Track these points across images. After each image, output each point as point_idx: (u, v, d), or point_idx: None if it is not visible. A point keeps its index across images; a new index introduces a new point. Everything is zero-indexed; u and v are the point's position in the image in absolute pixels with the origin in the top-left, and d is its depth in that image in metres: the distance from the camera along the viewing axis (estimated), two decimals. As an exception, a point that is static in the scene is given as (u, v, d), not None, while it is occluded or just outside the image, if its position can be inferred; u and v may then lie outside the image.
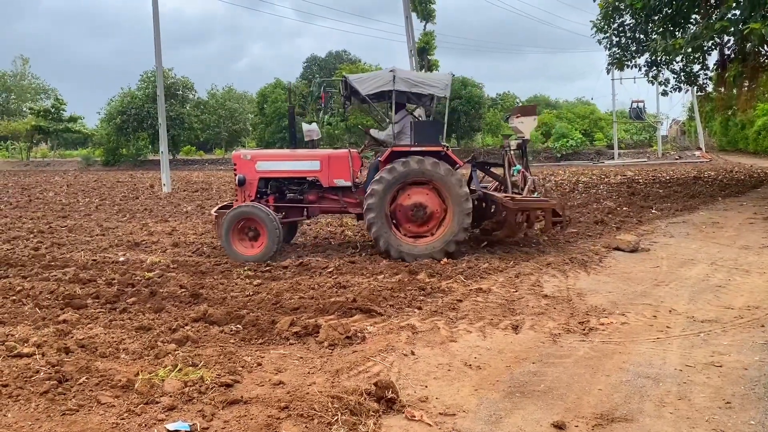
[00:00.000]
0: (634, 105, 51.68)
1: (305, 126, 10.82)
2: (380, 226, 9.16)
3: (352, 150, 9.96)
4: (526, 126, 9.89)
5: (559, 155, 46.83)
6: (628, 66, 22.99)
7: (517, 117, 10.12)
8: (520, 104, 66.00)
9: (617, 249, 9.73)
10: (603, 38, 22.52)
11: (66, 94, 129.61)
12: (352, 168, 9.77)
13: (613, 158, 46.80)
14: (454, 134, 48.81)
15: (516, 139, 10.00)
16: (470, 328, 5.84)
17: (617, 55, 22.73)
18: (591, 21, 22.38)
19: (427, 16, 45.80)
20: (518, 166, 9.68)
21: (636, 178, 25.80)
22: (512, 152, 9.71)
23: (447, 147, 9.34)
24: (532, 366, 4.90)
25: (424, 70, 44.24)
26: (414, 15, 33.84)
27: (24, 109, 70.11)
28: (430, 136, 9.50)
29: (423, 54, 42.88)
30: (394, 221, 9.33)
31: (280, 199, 10.17)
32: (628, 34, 21.99)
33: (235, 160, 10.16)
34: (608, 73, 25.55)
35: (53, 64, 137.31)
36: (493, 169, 11.01)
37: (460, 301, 6.74)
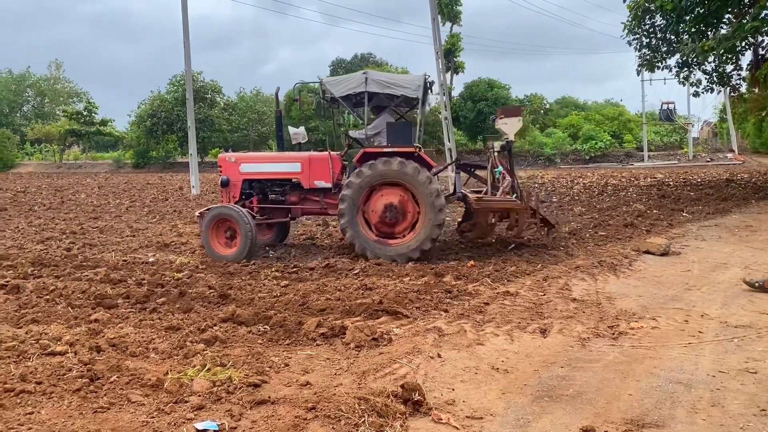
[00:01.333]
0: (665, 106, 50.93)
1: (292, 129, 11.03)
2: (354, 230, 9.29)
3: (332, 152, 10.06)
4: (510, 127, 9.87)
5: (587, 157, 46.34)
6: (658, 67, 22.67)
7: (501, 118, 10.11)
8: (548, 106, 65.46)
9: (647, 252, 9.59)
10: (633, 39, 22.23)
11: (97, 97, 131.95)
12: (332, 170, 9.88)
13: (642, 160, 46.16)
14: (480, 136, 48.57)
15: (500, 141, 9.94)
16: (497, 331, 5.80)
17: (647, 56, 22.42)
18: (622, 23, 22.13)
19: (454, 17, 45.68)
20: (500, 168, 9.63)
21: (666, 180, 25.40)
22: (496, 153, 9.66)
23: (419, 148, 9.37)
24: (560, 370, 4.85)
25: (450, 73, 44.14)
26: (440, 17, 33.80)
27: (57, 112, 71.55)
28: (404, 137, 9.56)
29: (449, 56, 42.75)
30: (368, 223, 9.40)
31: (264, 200, 10.40)
32: (659, 35, 21.67)
33: (220, 163, 10.52)
34: (638, 74, 25.25)
35: (86, 68, 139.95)
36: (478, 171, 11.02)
37: (487, 304, 6.70)
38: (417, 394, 4.13)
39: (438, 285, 7.49)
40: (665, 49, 21.85)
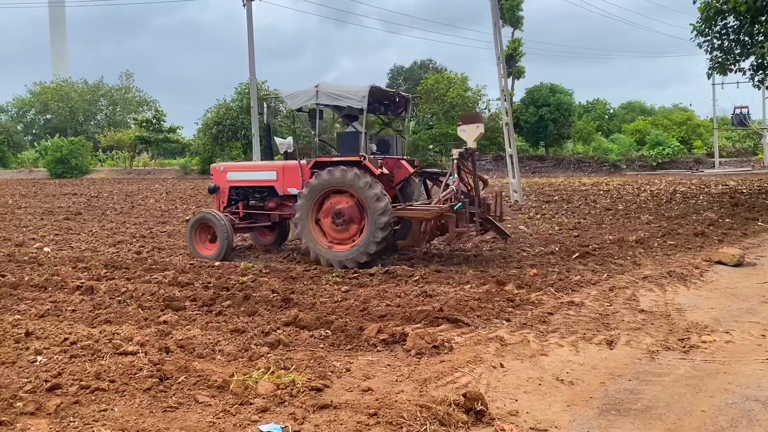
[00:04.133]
0: (738, 111, 48.76)
1: (278, 140, 11.76)
2: (307, 235, 9.73)
3: (301, 162, 10.48)
4: (469, 134, 9.80)
5: (654, 164, 44.88)
6: (731, 70, 21.73)
7: (460, 125, 10.05)
8: (612, 111, 63.83)
9: (719, 263, 9.20)
10: (704, 41, 21.41)
11: (166, 106, 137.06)
12: (302, 177, 10.27)
13: (713, 167, 44.40)
14: (542, 142, 47.76)
15: (459, 149, 9.82)
16: (562, 342, 5.67)
17: (719, 59, 21.54)
18: (691, 24, 21.34)
19: (515, 22, 45.18)
20: (455, 175, 9.53)
21: (739, 188, 24.32)
22: (455, 161, 9.55)
23: (364, 156, 9.60)
24: (628, 383, 4.70)
25: (511, 78, 43.64)
26: (501, 22, 33.36)
27: (128, 120, 74.40)
28: (352, 146, 9.98)
29: (510, 61, 42.29)
30: (322, 229, 9.83)
31: (247, 206, 11.20)
32: (732, 37, 20.79)
33: (212, 171, 11.65)
34: (709, 77, 24.24)
35: (156, 78, 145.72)
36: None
37: (551, 314, 6.57)
38: (479, 404, 4.08)
39: (500, 293, 7.39)
40: (738, 51, 20.93)
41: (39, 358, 5.13)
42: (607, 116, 61.89)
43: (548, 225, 14.43)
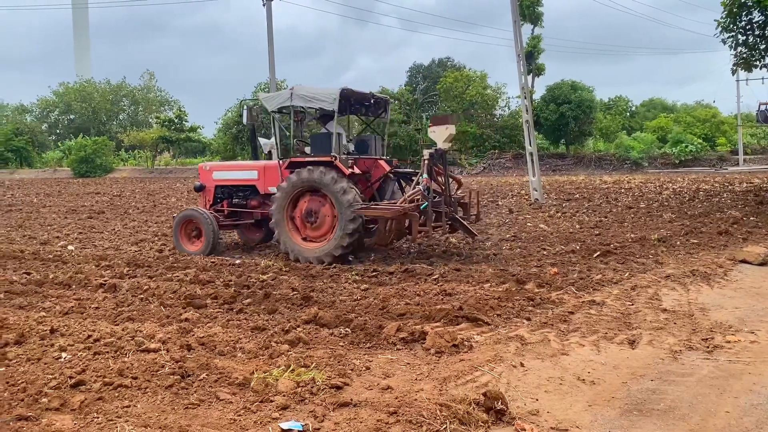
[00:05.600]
0: (763, 107, 47.95)
1: (262, 140, 12.13)
2: (282, 232, 10.01)
3: (279, 161, 10.73)
4: (438, 135, 9.93)
5: (677, 161, 44.28)
6: (756, 66, 21.37)
7: (430, 127, 10.12)
8: (634, 108, 63.15)
9: (744, 262, 9.06)
10: (728, 37, 21.07)
11: (186, 105, 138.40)
12: (282, 177, 10.45)
13: (737, 164, 43.72)
14: (563, 140, 47.37)
15: (429, 149, 9.85)
16: (583, 341, 5.63)
17: (744, 55, 21.20)
18: (715, 20, 21.01)
19: (535, 19, 44.86)
20: (424, 175, 9.61)
21: (764, 185, 23.92)
22: (426, 161, 9.58)
23: (335, 157, 9.77)
24: (650, 383, 4.65)
25: (531, 75, 43.36)
26: (521, 19, 33.07)
27: (150, 119, 75.05)
28: (324, 147, 10.24)
29: (530, 58, 42.02)
30: (296, 226, 10.08)
31: (231, 204, 11.48)
32: (757, 32, 20.44)
33: (199, 170, 11.96)
34: (733, 74, 23.84)
35: (176, 78, 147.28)
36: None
37: (572, 313, 6.51)
38: (500, 403, 4.07)
39: (520, 292, 7.35)
40: (764, 46, 20.59)
41: (63, 354, 5.21)
42: (628, 113, 61.23)
43: (569, 223, 14.32)
